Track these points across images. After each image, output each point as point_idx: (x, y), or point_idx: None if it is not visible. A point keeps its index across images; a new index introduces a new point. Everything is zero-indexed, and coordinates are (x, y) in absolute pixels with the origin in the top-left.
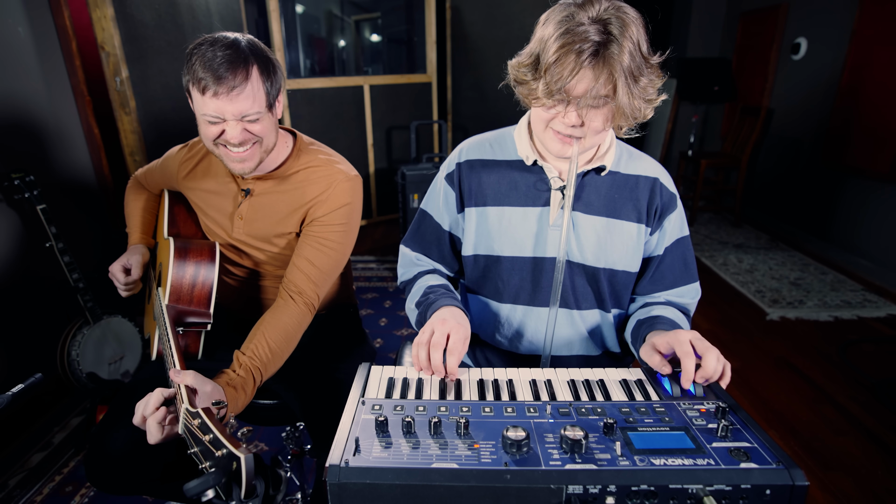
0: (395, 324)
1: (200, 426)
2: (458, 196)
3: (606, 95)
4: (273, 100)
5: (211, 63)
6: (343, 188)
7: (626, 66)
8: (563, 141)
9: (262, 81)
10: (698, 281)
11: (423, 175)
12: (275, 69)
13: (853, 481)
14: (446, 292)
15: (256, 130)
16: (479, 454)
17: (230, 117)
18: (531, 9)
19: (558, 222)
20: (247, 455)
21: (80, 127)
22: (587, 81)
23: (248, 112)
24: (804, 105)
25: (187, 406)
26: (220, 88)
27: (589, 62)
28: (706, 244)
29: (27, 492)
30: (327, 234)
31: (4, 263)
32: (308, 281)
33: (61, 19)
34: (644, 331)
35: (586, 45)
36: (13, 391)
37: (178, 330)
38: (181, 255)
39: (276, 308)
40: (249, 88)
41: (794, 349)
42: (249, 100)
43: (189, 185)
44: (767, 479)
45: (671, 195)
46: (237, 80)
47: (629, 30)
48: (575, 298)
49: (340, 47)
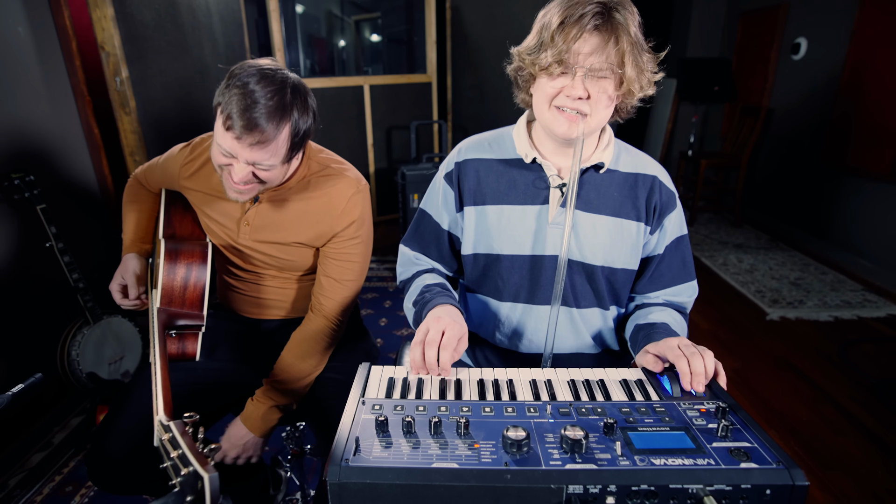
0: (395, 324)
1: (171, 440)
2: (456, 195)
3: (613, 63)
4: (294, 153)
5: (249, 108)
6: (355, 201)
7: (632, 36)
8: (568, 119)
9: (289, 138)
10: (695, 279)
11: (423, 175)
12: (309, 122)
13: (853, 481)
14: (442, 291)
15: (263, 176)
16: (479, 454)
17: (242, 161)
18: (531, 9)
19: (557, 220)
20: (212, 475)
21: (80, 127)
22: (594, 44)
23: (262, 163)
24: (804, 105)
25: (161, 418)
26: (243, 136)
27: (593, 25)
28: (706, 244)
29: (27, 492)
30: (347, 249)
31: (4, 263)
32: (327, 298)
33: (61, 19)
34: (642, 340)
35: (590, 8)
36: (13, 391)
37: (173, 333)
38: (171, 257)
39: (303, 322)
40: (273, 146)
41: (793, 349)
42: (268, 154)
43: (191, 186)
44: (767, 479)
45: (671, 194)
46: (265, 136)
47: (629, 8)
48: (574, 297)
49: (340, 47)
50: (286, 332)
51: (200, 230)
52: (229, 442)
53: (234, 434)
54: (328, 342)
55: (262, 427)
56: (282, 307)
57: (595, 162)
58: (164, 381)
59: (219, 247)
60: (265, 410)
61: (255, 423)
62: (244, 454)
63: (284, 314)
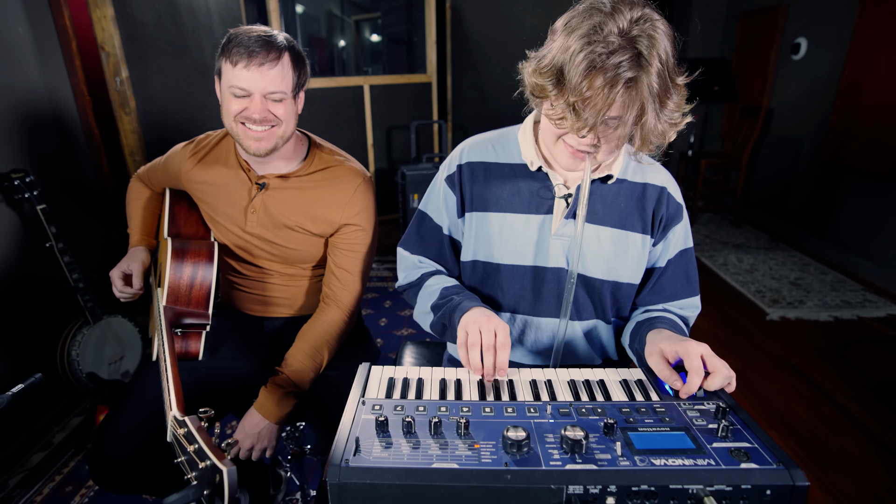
0: (395, 324)
1: (186, 435)
2: (458, 200)
3: (634, 124)
4: (298, 88)
5: (247, 42)
6: (362, 190)
7: (656, 92)
8: (574, 155)
9: (293, 68)
10: (699, 295)
11: (423, 175)
12: (304, 64)
13: (853, 481)
14: (468, 293)
15: (279, 112)
16: (479, 454)
17: (257, 91)
18: (531, 9)
19: (560, 232)
20: (230, 468)
21: (80, 127)
22: (617, 110)
23: (275, 90)
24: (804, 105)
25: (175, 414)
26: (252, 62)
27: (622, 94)
28: (706, 244)
29: (27, 492)
30: (354, 239)
31: (4, 263)
32: (342, 289)
33: (61, 19)
34: (645, 328)
35: (621, 73)
36: (13, 391)
37: (177, 331)
38: (179, 255)
39: (315, 313)
40: (279, 68)
41: (793, 349)
42: (279, 78)
43: (196, 179)
44: (768, 480)
45: (678, 206)
46: (269, 58)
47: (657, 47)
48: (576, 309)
49: (340, 47)
50: (291, 330)
51: (205, 229)
52: (244, 432)
53: (249, 423)
54: (340, 334)
55: (277, 413)
56: (287, 305)
57: (604, 174)
58: (175, 377)
59: (225, 243)
60: (280, 396)
61: (270, 410)
62: (259, 444)
63: (290, 312)
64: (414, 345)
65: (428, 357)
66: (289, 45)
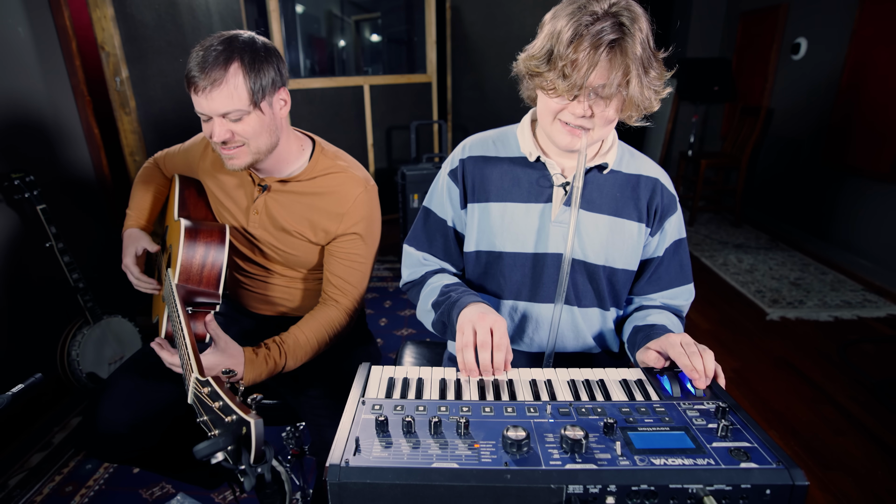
0: (395, 324)
1: (210, 394)
2: (461, 192)
3: (619, 86)
4: (262, 95)
5: (192, 65)
6: (361, 201)
7: (639, 58)
8: (571, 132)
9: (245, 78)
10: (692, 282)
11: (423, 175)
12: (267, 64)
13: (853, 481)
14: (467, 289)
15: (239, 130)
16: (479, 454)
17: (213, 114)
18: (531, 9)
19: (560, 219)
20: (257, 420)
21: (80, 127)
22: (603, 73)
23: (227, 111)
24: (804, 105)
25: (197, 375)
26: (198, 87)
27: (606, 54)
28: (706, 244)
29: (27, 492)
30: (352, 249)
31: (4, 263)
32: (340, 294)
33: (61, 19)
34: (641, 340)
35: (603, 37)
36: (13, 391)
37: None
38: (192, 235)
39: (315, 308)
40: (224, 86)
41: (793, 349)
42: (226, 98)
43: (211, 171)
44: (767, 479)
45: (672, 196)
46: (210, 79)
47: (639, 22)
48: (576, 295)
49: (340, 47)
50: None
51: (213, 217)
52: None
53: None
54: (336, 331)
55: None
56: (288, 305)
57: (599, 162)
58: (193, 344)
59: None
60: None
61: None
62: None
63: (291, 312)
64: (414, 345)
65: (428, 357)
66: (244, 50)
